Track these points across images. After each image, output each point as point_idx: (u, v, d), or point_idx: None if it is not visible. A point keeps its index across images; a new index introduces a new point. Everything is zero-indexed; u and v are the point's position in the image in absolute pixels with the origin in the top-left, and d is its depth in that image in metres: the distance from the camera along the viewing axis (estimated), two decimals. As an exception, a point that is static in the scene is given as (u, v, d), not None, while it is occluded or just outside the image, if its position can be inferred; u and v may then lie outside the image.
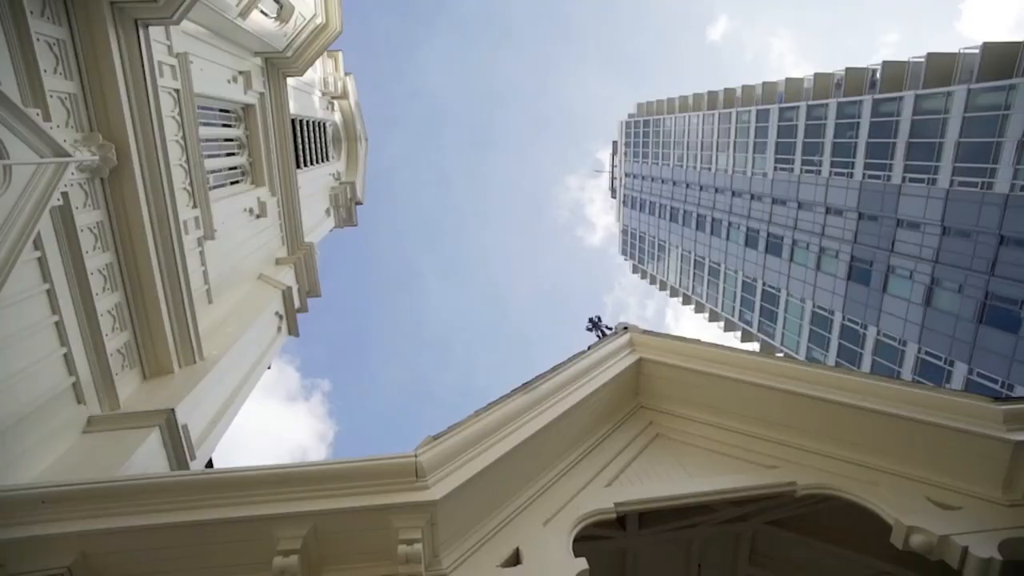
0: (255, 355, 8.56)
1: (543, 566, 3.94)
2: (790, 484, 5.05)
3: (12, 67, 5.19)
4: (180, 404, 6.02)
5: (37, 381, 5.26)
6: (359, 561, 3.79)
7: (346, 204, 16.75)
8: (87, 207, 6.00)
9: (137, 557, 3.81)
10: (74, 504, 3.86)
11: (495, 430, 4.38)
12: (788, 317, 32.94)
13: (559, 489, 4.75)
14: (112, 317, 6.26)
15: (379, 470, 3.82)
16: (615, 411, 5.91)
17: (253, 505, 3.75)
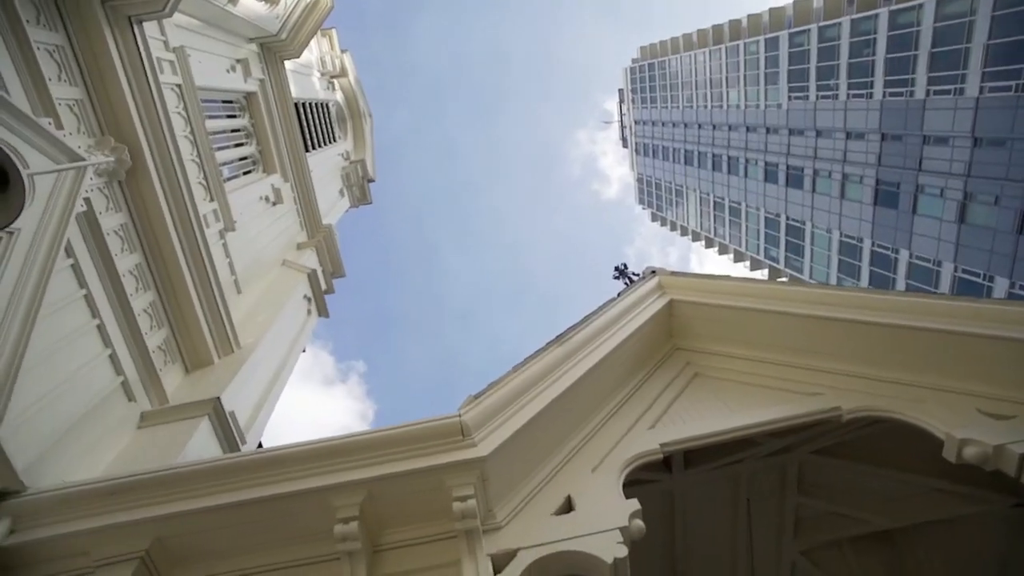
0: (289, 339, 8.73)
1: (596, 510, 4.00)
2: (834, 410, 5.01)
3: (18, 79, 5.23)
4: (224, 392, 6.20)
5: (88, 383, 5.44)
6: (417, 521, 3.90)
7: (358, 183, 16.73)
8: (110, 211, 6.09)
9: (207, 536, 3.97)
10: (142, 492, 4.03)
11: (534, 384, 4.41)
12: (815, 249, 32.31)
13: (604, 436, 4.80)
14: (149, 316, 6.41)
15: (425, 433, 3.90)
16: (651, 355, 5.90)
17: (309, 478, 3.87)
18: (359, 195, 17.05)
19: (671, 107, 46.49)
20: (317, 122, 15.19)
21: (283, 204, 11.05)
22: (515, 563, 3.68)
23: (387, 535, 3.89)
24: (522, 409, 4.18)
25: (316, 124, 15.05)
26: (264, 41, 11.41)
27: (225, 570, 3.97)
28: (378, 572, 3.73)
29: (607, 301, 5.77)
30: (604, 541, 3.73)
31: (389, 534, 3.89)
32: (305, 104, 14.33)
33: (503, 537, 3.81)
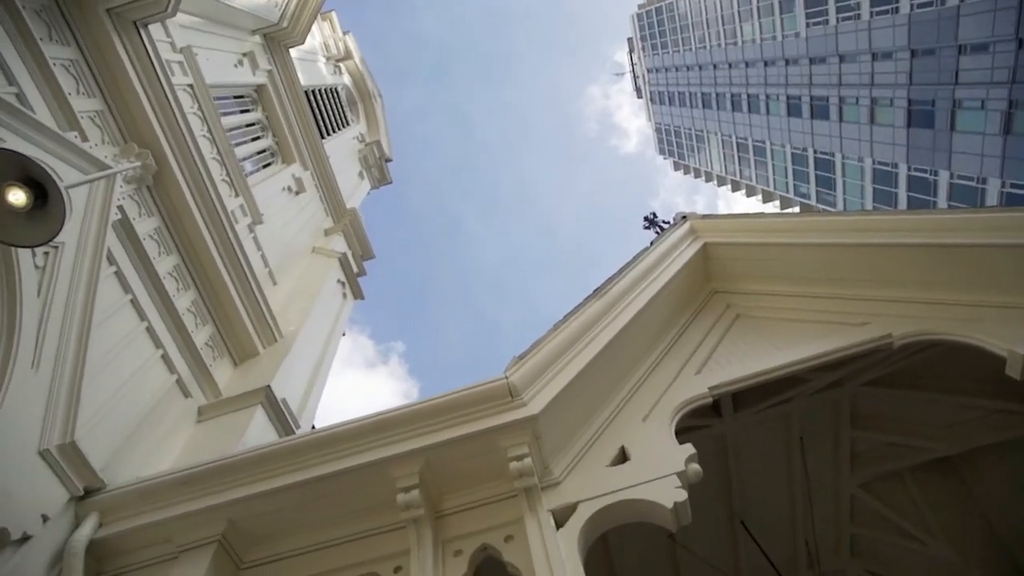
0: (328, 323, 8.90)
1: (651, 458, 4.02)
2: (885, 337, 4.89)
3: (41, 96, 5.33)
4: (273, 381, 6.38)
5: (146, 384, 5.65)
6: (476, 484, 3.99)
7: (376, 163, 16.73)
8: (143, 216, 6.23)
9: (276, 516, 4.13)
10: (212, 480, 4.21)
11: (577, 339, 4.41)
12: (847, 181, 31.24)
13: (651, 385, 4.79)
14: (192, 314, 6.59)
15: (475, 397, 3.95)
16: (690, 300, 5.84)
17: (366, 452, 3.98)
18: (378, 176, 17.06)
19: (683, 50, 44.95)
20: (328, 108, 15.16)
21: (306, 192, 11.14)
22: (576, 516, 3.74)
23: (448, 500, 3.99)
24: (567, 365, 4.20)
25: (328, 110, 15.02)
26: (267, 32, 11.35)
27: (296, 546, 4.14)
28: (443, 536, 3.83)
29: (641, 251, 5.70)
30: (662, 487, 3.76)
31: (450, 499, 3.99)
32: (315, 91, 14.29)
33: (562, 492, 3.87)
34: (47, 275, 4.67)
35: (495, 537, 3.74)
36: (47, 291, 4.61)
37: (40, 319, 4.49)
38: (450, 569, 3.63)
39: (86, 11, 5.95)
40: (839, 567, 7.20)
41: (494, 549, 3.70)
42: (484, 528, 3.80)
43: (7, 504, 3.86)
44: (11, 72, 5.05)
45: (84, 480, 4.45)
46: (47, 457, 4.25)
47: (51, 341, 4.53)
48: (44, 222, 3.77)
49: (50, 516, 4.15)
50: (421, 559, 3.61)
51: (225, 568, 4.10)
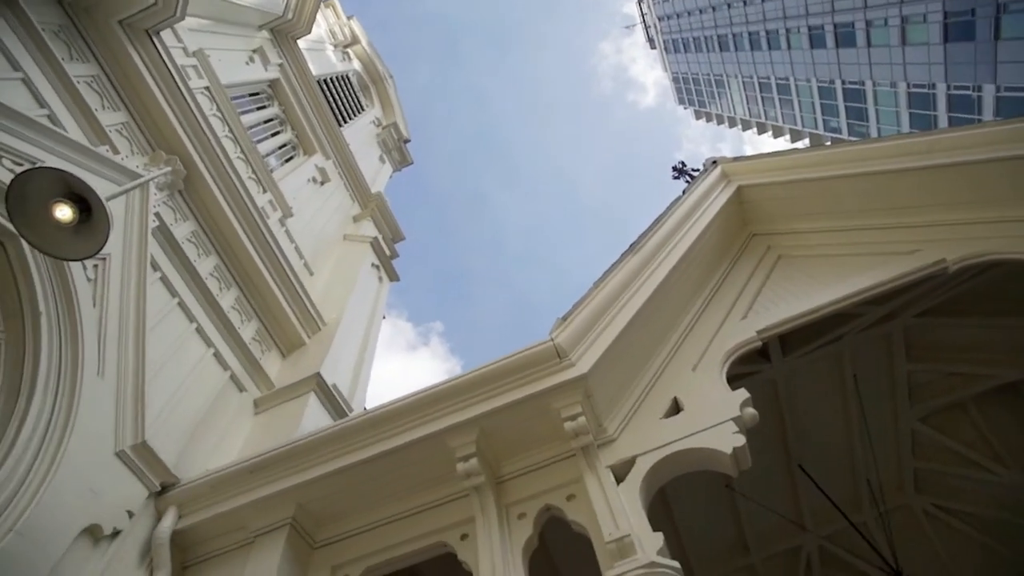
0: (368, 307, 9.04)
1: (704, 406, 4.00)
2: (938, 263, 4.72)
3: (70, 115, 5.46)
4: (322, 368, 6.54)
5: (202, 382, 5.85)
6: (533, 446, 4.03)
7: (395, 146, 16.73)
8: (178, 221, 6.37)
9: (342, 495, 4.27)
10: (277, 467, 4.36)
11: (618, 296, 4.38)
12: (880, 109, 29.84)
13: (697, 334, 4.74)
14: (237, 311, 6.77)
15: (523, 362, 3.97)
16: (728, 246, 5.72)
17: (422, 426, 4.05)
18: (399, 158, 17.07)
19: (694, -8, 43.24)
20: (342, 95, 15.16)
21: (330, 182, 11.23)
22: (635, 470, 3.75)
23: (507, 465, 4.05)
24: (611, 323, 4.18)
25: (342, 97, 15.02)
26: (273, 26, 11.35)
27: (365, 522, 4.27)
28: (506, 501, 3.90)
29: (673, 201, 5.59)
30: (720, 434, 3.74)
31: (509, 464, 4.05)
32: (327, 80, 14.29)
33: (618, 448, 3.88)
34: (99, 286, 4.84)
35: (557, 497, 3.79)
36: (101, 301, 4.78)
37: (99, 328, 4.67)
38: (516, 532, 3.70)
39: (100, 26, 6.02)
40: (904, 503, 7.10)
41: (557, 509, 3.76)
42: (545, 489, 3.85)
43: (97, 503, 4.08)
44: (41, 96, 5.20)
45: (159, 476, 4.66)
46: (123, 458, 4.46)
47: (111, 348, 4.71)
48: (90, 235, 3.88)
49: (134, 511, 4.38)
50: (486, 525, 3.69)
51: (299, 548, 4.26)
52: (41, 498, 3.74)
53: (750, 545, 7.24)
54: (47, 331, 4.35)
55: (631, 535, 3.26)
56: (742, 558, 7.29)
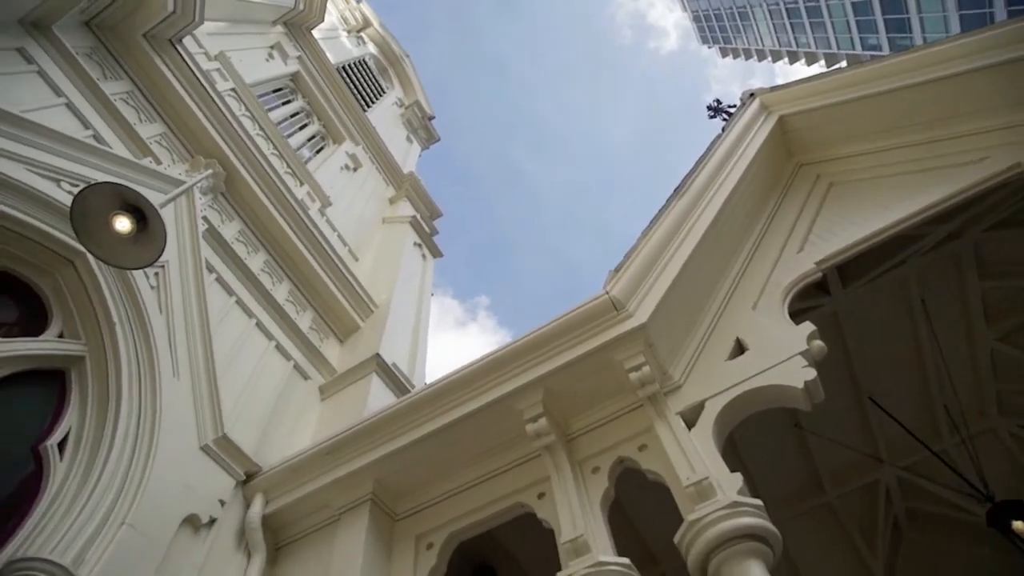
0: (416, 285, 9.17)
1: (769, 344, 3.91)
2: (1011, 168, 4.44)
3: (113, 132, 5.65)
4: (380, 348, 6.68)
5: (269, 374, 6.07)
6: (600, 401, 4.04)
7: (421, 124, 16.70)
8: (225, 222, 6.56)
9: (418, 467, 4.39)
10: (351, 446, 4.51)
11: (668, 241, 4.29)
12: (925, 16, 27.83)
13: (753, 272, 4.62)
14: (292, 303, 6.97)
15: (580, 318, 3.96)
16: (776, 180, 5.53)
17: (487, 392, 4.11)
18: (425, 136, 17.05)
19: (707, -77, 41.09)
20: (362, 80, 15.18)
21: (363, 167, 11.34)
22: (705, 414, 3.71)
23: (576, 422, 4.07)
24: (665, 269, 4.10)
25: (362, 82, 15.05)
26: (287, 19, 11.38)
27: (442, 491, 4.38)
28: (578, 457, 3.93)
29: (714, 140, 5.41)
30: (789, 369, 3.65)
31: (577, 420, 4.07)
32: (345, 67, 14.32)
33: (685, 394, 3.85)
34: (162, 292, 5.03)
35: (629, 448, 3.80)
36: (166, 306, 4.98)
37: (168, 332, 4.87)
38: (592, 486, 3.74)
39: (127, 42, 6.16)
40: (988, 427, 6.84)
41: (631, 460, 3.77)
42: (617, 442, 3.86)
43: (191, 495, 4.33)
44: (85, 117, 5.39)
45: (243, 466, 4.89)
46: (208, 452, 4.69)
47: (182, 350, 4.92)
48: (149, 243, 4.02)
49: (225, 500, 4.62)
50: (562, 482, 3.73)
51: (382, 522, 4.42)
52: (142, 494, 3.98)
53: (824, 483, 7.14)
54: (123, 340, 4.57)
55: (709, 477, 3.24)
56: (817, 497, 7.20)
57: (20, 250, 4.40)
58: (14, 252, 4.38)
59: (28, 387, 4.19)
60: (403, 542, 4.30)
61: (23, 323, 4.34)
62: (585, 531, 3.36)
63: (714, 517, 3.01)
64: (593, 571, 3.11)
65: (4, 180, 4.19)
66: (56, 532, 3.55)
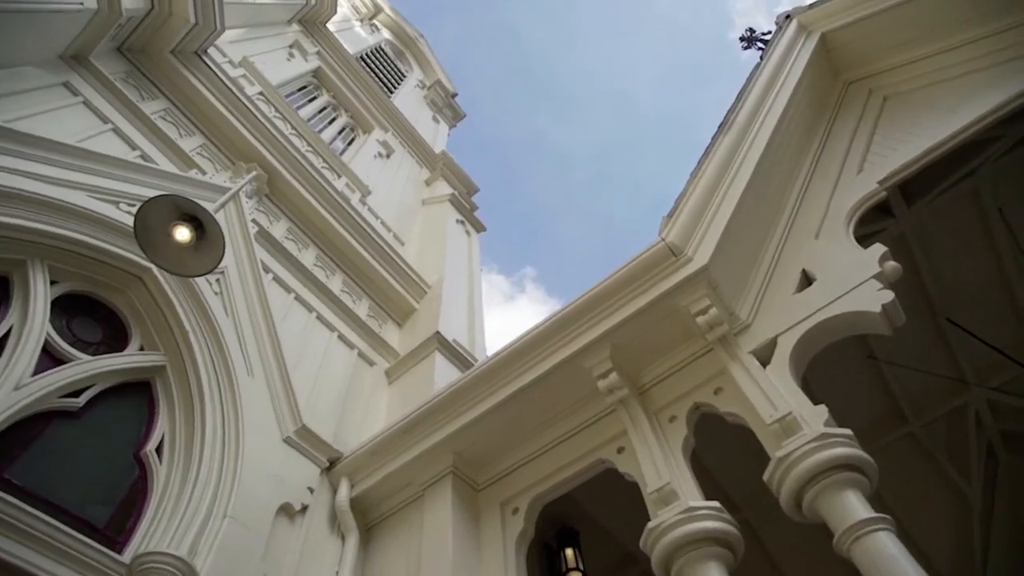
0: (464, 261, 9.24)
1: (839, 271, 3.76)
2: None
3: (157, 150, 5.83)
4: (439, 326, 6.78)
5: (335, 364, 6.25)
6: (669, 350, 3.97)
7: (445, 103, 16.63)
8: (273, 223, 6.72)
9: (494, 435, 4.44)
10: (426, 422, 4.60)
11: (719, 180, 4.15)
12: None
13: (812, 201, 4.44)
14: (347, 293, 7.13)
15: (638, 270, 3.89)
16: (824, 102, 5.26)
17: (554, 353, 4.10)
18: (451, 114, 16.98)
19: None
20: (381, 67, 15.19)
21: (395, 152, 11.40)
22: (779, 351, 3.61)
23: (647, 373, 4.02)
24: (720, 208, 3.97)
25: (382, 69, 15.07)
26: (301, 16, 11.44)
27: (520, 457, 4.42)
28: (653, 408, 3.90)
29: (753, 70, 5.17)
30: (863, 294, 3.50)
31: (648, 372, 4.02)
32: (363, 56, 14.34)
33: (756, 332, 3.75)
34: (225, 297, 5.22)
35: (705, 394, 3.74)
36: (231, 310, 5.17)
37: (237, 334, 5.06)
38: (671, 435, 3.70)
39: (157, 61, 6.30)
40: (1085, 337, 6.42)
41: (707, 405, 3.71)
42: (691, 388, 3.81)
43: (282, 486, 4.53)
44: (130, 139, 5.59)
45: (325, 454, 5.07)
46: (291, 443, 4.89)
47: (252, 349, 5.11)
48: (208, 250, 4.16)
49: (314, 488, 4.81)
50: (640, 434, 3.71)
51: (466, 493, 4.51)
52: (237, 488, 4.18)
53: (906, 413, 6.87)
54: (197, 346, 4.77)
55: (792, 412, 3.17)
56: (898, 428, 6.94)
57: (94, 273, 4.61)
58: (89, 275, 4.60)
59: (121, 400, 4.43)
60: (489, 510, 4.38)
61: (108, 341, 4.57)
62: (670, 479, 3.34)
63: (803, 451, 2.94)
64: (684, 517, 3.09)
65: (70, 208, 4.39)
66: (168, 528, 3.77)
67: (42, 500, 3.47)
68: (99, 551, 3.41)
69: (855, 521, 2.63)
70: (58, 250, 4.37)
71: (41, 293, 4.18)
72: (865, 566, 2.56)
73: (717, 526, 3.05)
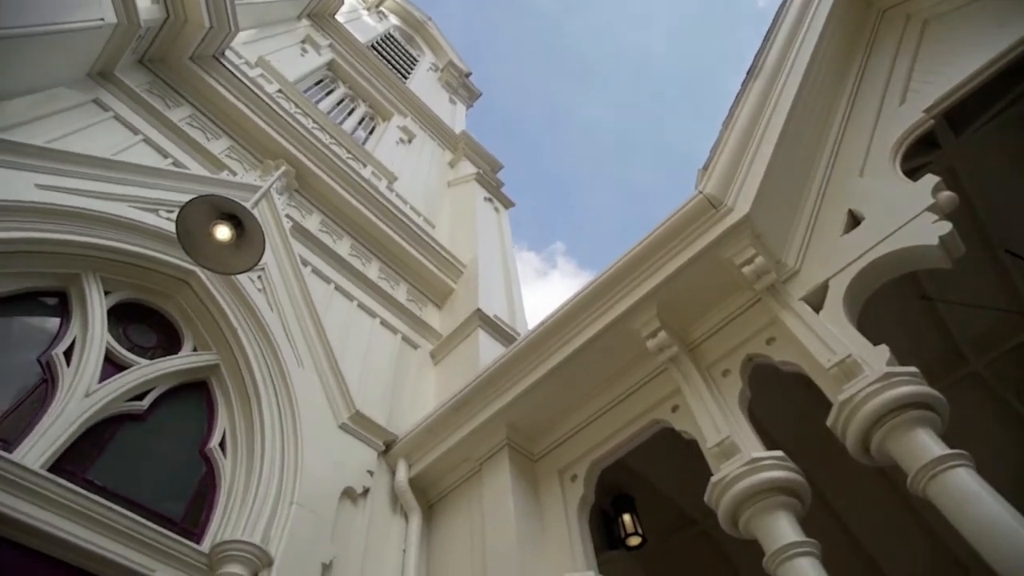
0: (496, 238, 9.23)
1: (889, 206, 3.60)
2: None
3: (188, 156, 5.94)
4: (479, 303, 6.80)
5: (381, 350, 6.33)
6: (716, 304, 3.90)
7: (460, 83, 16.51)
8: (306, 217, 6.80)
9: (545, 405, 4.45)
10: (476, 397, 4.64)
11: (753, 126, 4.01)
12: None
13: (853, 139, 4.26)
14: (385, 279, 7.20)
15: (677, 225, 3.80)
16: (859, 34, 5.02)
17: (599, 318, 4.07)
18: (467, 94, 16.86)
19: None
20: (393, 54, 15.13)
21: (416, 137, 11.40)
22: (831, 295, 3.50)
23: (695, 329, 3.96)
24: (756, 155, 3.84)
25: (394, 56, 15.02)
26: (309, 10, 11.46)
27: (574, 424, 4.44)
28: (705, 363, 3.84)
29: (779, 10, 4.95)
30: (918, 228, 3.36)
31: (697, 327, 3.96)
32: (374, 45, 14.30)
33: (805, 278, 3.64)
34: (268, 293, 5.32)
35: (757, 344, 3.67)
36: (275, 305, 5.27)
37: (283, 327, 5.16)
38: (725, 389, 3.65)
39: (178, 69, 6.38)
40: None
41: (761, 355, 3.64)
42: (742, 340, 3.73)
43: (342, 470, 4.65)
44: (162, 148, 5.70)
45: (380, 437, 5.17)
46: (347, 429, 4.99)
47: (299, 341, 5.21)
48: (249, 247, 4.22)
49: (373, 471, 4.92)
50: (694, 390, 3.67)
51: (523, 464, 4.54)
52: (300, 475, 4.30)
53: (966, 353, 6.62)
54: (247, 342, 4.88)
55: (852, 355, 3.07)
56: (960, 369, 6.69)
57: (142, 280, 4.75)
58: (138, 283, 4.73)
59: (180, 400, 4.58)
60: (547, 479, 4.41)
61: (163, 345, 4.72)
62: (730, 432, 3.30)
63: (868, 392, 2.85)
64: (748, 468, 3.05)
65: (114, 219, 4.51)
66: (240, 517, 3.91)
67: (122, 498, 3.63)
68: (182, 543, 3.57)
69: (930, 459, 2.55)
70: (107, 261, 4.51)
71: (97, 304, 4.33)
72: (945, 504, 2.49)
73: (783, 475, 3.00)
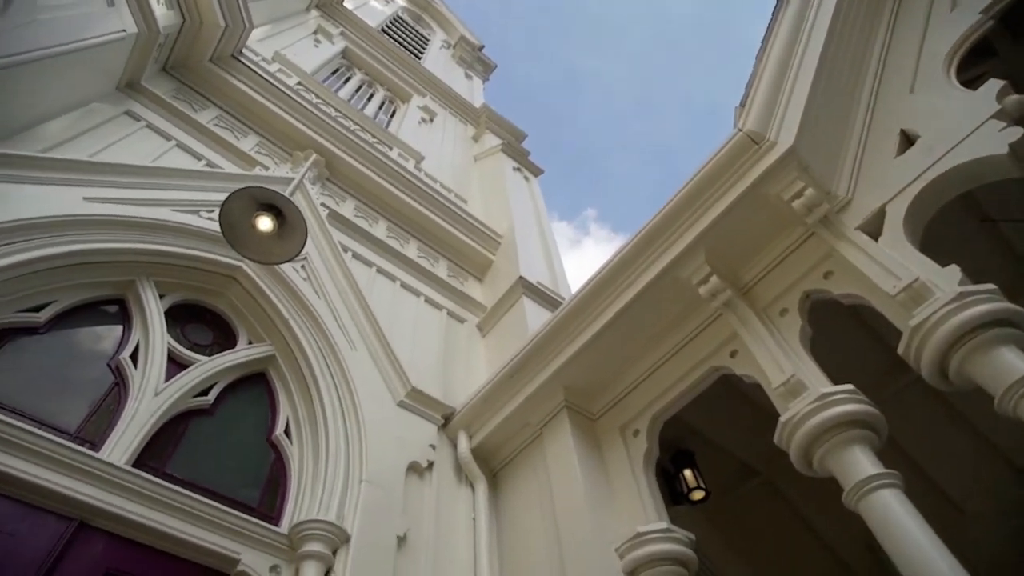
0: (529, 205, 9.17)
1: (946, 121, 3.39)
2: None
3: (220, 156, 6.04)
4: (520, 272, 6.78)
5: (428, 327, 6.39)
6: (767, 243, 3.78)
7: (474, 57, 16.29)
8: (340, 204, 6.87)
9: (601, 364, 4.41)
10: (530, 363, 4.63)
11: (789, 55, 3.81)
12: None
13: (898, 54, 4.01)
14: (424, 258, 7.24)
15: (719, 167, 3.67)
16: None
17: (647, 269, 3.98)
18: (482, 68, 16.63)
19: None
20: (404, 35, 15.01)
21: (438, 116, 11.33)
22: (889, 221, 3.33)
23: (747, 272, 3.85)
24: (795, 84, 3.66)
25: (405, 37, 14.89)
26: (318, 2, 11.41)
27: (632, 380, 4.39)
28: (760, 305, 3.74)
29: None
30: (982, 138, 3.14)
31: (748, 270, 3.85)
32: (385, 28, 14.20)
33: (859, 206, 3.48)
34: (314, 281, 5.41)
35: (813, 280, 3.54)
36: (322, 292, 5.36)
37: (332, 313, 5.25)
38: (785, 329, 3.55)
39: (200, 72, 6.46)
40: None
41: (818, 291, 3.51)
42: (797, 278, 3.61)
43: (408, 448, 4.75)
44: (194, 151, 5.82)
45: (438, 411, 5.24)
46: (405, 406, 5.07)
47: (350, 325, 5.29)
48: (291, 235, 4.28)
49: (435, 444, 5.00)
50: (752, 333, 3.58)
51: (583, 424, 4.54)
52: (366, 454, 4.40)
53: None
54: (299, 330, 4.99)
55: (919, 279, 2.93)
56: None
57: (193, 280, 4.88)
58: (189, 283, 4.87)
59: (242, 393, 4.73)
60: (609, 436, 4.40)
61: (219, 341, 4.86)
62: (795, 371, 3.21)
63: (941, 315, 2.72)
64: (818, 404, 2.97)
65: (160, 224, 4.63)
66: (313, 499, 4.04)
67: (202, 488, 3.78)
68: (263, 526, 3.71)
69: (1020, 376, 2.42)
70: (158, 265, 4.64)
71: (154, 307, 4.48)
72: (1035, 422, 2.37)
73: (856, 408, 2.91)
